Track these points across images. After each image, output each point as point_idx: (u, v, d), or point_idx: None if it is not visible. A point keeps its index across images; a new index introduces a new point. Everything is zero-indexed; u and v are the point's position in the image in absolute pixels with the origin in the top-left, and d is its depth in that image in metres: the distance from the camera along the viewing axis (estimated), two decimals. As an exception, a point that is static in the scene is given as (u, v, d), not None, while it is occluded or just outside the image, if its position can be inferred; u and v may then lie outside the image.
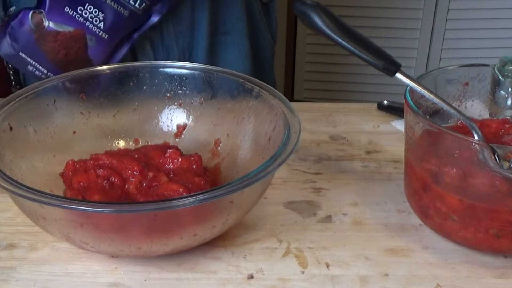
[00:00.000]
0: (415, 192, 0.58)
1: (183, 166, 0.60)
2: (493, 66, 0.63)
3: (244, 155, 0.63)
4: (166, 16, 0.81)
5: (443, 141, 0.54)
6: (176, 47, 0.85)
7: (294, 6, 0.61)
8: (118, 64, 0.68)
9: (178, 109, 0.68)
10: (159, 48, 0.84)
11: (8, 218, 0.61)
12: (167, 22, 0.83)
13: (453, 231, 0.55)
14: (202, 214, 0.51)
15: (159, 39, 0.83)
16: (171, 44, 0.85)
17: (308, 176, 0.69)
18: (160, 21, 0.80)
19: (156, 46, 0.84)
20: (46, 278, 0.54)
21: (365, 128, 0.80)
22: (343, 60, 2.04)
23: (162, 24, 0.82)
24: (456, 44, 2.05)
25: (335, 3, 1.91)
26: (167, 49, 0.85)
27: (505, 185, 0.52)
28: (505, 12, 2.00)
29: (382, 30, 2.00)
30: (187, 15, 0.84)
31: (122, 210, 0.47)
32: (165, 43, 0.84)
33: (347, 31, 0.58)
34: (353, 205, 0.64)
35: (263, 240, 0.59)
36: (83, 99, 0.66)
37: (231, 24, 0.87)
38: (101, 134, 0.67)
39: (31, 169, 0.58)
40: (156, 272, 0.55)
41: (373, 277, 0.54)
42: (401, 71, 0.57)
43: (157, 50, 0.85)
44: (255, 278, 0.54)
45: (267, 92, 0.62)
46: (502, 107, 0.64)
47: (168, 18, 0.82)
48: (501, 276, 0.55)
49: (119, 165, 0.59)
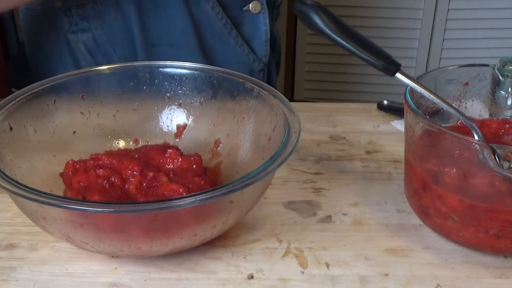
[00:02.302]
0: (415, 192, 0.58)
1: (183, 166, 0.60)
2: (493, 66, 0.63)
3: (244, 155, 0.63)
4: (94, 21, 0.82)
5: (443, 141, 0.54)
6: (115, 54, 0.86)
7: (294, 6, 0.61)
8: (118, 64, 0.68)
9: (178, 109, 0.68)
10: (96, 53, 0.86)
11: (8, 218, 0.61)
12: (97, 28, 0.84)
13: (453, 231, 0.55)
14: (202, 214, 0.51)
15: (93, 45, 0.84)
16: (109, 51, 0.86)
17: (308, 176, 0.69)
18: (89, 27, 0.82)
19: (92, 51, 0.85)
20: (46, 278, 0.54)
21: (365, 128, 0.80)
22: (343, 60, 2.03)
23: (93, 30, 0.84)
24: (456, 44, 2.05)
25: (335, 3, 1.91)
26: (106, 55, 0.86)
27: (505, 185, 0.52)
28: (505, 12, 2.00)
29: (382, 30, 2.00)
30: (117, 23, 0.84)
31: (122, 210, 0.47)
32: (102, 49, 0.85)
33: (347, 31, 0.58)
34: (353, 205, 0.64)
35: (263, 240, 0.59)
36: (83, 99, 0.66)
37: (175, 37, 0.86)
38: (101, 134, 0.67)
39: (31, 169, 0.58)
40: (156, 272, 0.55)
41: (373, 277, 0.54)
42: (401, 71, 0.57)
43: (95, 55, 0.86)
44: (255, 278, 0.54)
45: (267, 92, 0.62)
46: (502, 107, 0.64)
47: (97, 24, 0.84)
48: (501, 276, 0.55)
49: (119, 165, 0.59)
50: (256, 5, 0.89)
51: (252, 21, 0.91)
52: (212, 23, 0.88)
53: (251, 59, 0.93)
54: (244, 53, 0.91)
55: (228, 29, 0.89)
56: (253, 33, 0.92)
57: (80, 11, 0.83)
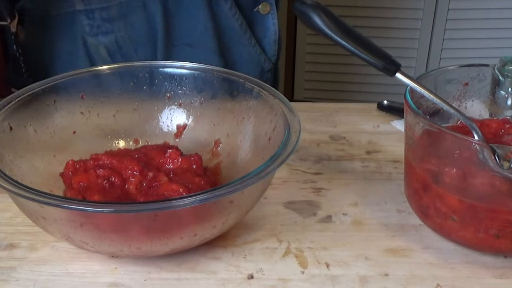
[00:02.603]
0: (415, 192, 0.58)
1: (183, 166, 0.60)
2: (493, 66, 0.63)
3: (244, 155, 0.63)
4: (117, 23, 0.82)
5: (443, 141, 0.54)
6: (136, 56, 0.86)
7: (294, 6, 0.61)
8: (118, 64, 0.68)
9: (178, 109, 0.68)
10: (117, 55, 0.85)
11: (8, 218, 0.61)
12: (120, 30, 0.84)
13: (453, 231, 0.55)
14: (202, 214, 0.51)
15: (115, 47, 0.84)
16: (130, 53, 0.86)
17: (308, 176, 0.69)
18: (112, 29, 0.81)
19: (113, 53, 0.85)
20: (46, 278, 0.54)
21: (365, 128, 0.80)
22: (343, 60, 2.03)
23: (115, 32, 0.83)
24: (456, 44, 2.05)
25: (335, 3, 1.91)
26: (127, 57, 0.86)
27: (505, 185, 0.52)
28: (505, 12, 2.00)
29: (382, 30, 2.00)
30: (141, 24, 0.84)
31: (122, 210, 0.47)
32: (123, 51, 0.85)
33: (347, 31, 0.58)
34: (353, 205, 0.64)
35: (263, 240, 0.59)
36: (83, 99, 0.66)
37: (195, 37, 0.87)
38: (101, 134, 0.67)
39: (31, 169, 0.58)
40: (156, 272, 0.55)
41: (373, 277, 0.54)
42: (401, 71, 0.57)
43: (116, 57, 0.85)
44: (255, 278, 0.54)
45: (267, 92, 0.62)
46: (502, 107, 0.64)
47: (120, 26, 0.83)
48: (501, 276, 0.55)
49: (119, 165, 0.59)
50: (265, 6, 0.90)
51: (262, 22, 0.92)
52: (230, 23, 0.89)
53: (262, 59, 0.94)
54: (257, 53, 0.93)
55: (243, 29, 0.90)
56: (263, 33, 0.93)
57: (104, 13, 0.83)
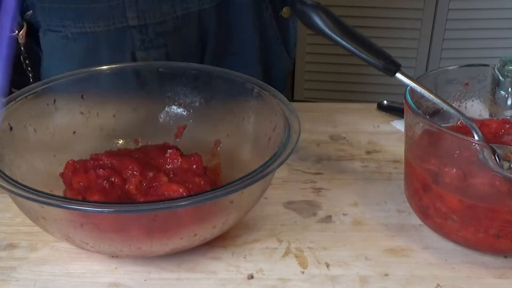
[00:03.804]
0: (415, 192, 0.58)
1: (183, 166, 0.60)
2: (493, 66, 0.63)
3: (244, 155, 0.63)
4: (171, 36, 0.81)
5: (443, 141, 0.54)
6: None
7: (295, 7, 0.61)
8: (118, 64, 0.68)
9: (178, 109, 0.68)
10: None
11: (8, 218, 0.61)
12: (173, 43, 0.82)
13: (453, 231, 0.55)
14: (202, 214, 0.51)
15: (164, 59, 0.83)
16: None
17: (308, 176, 0.69)
18: (165, 43, 0.80)
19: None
20: (46, 278, 0.54)
21: (365, 128, 0.80)
22: (343, 60, 2.03)
23: (168, 46, 0.82)
24: (456, 44, 2.05)
25: (335, 3, 1.91)
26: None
27: (505, 185, 0.52)
28: (505, 12, 2.00)
29: (382, 30, 2.00)
30: (193, 36, 0.83)
31: (122, 210, 0.47)
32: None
33: (347, 31, 0.58)
34: (353, 205, 0.64)
35: (263, 240, 0.59)
36: (83, 99, 0.66)
37: (240, 46, 0.87)
38: (101, 134, 0.67)
39: (31, 169, 0.58)
40: (156, 272, 0.55)
41: (373, 277, 0.54)
42: (401, 71, 0.57)
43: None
44: (255, 278, 0.54)
45: (267, 92, 0.62)
46: (502, 107, 0.64)
47: (174, 39, 0.82)
48: (501, 276, 0.55)
49: (119, 165, 0.59)
50: (287, 9, 0.91)
51: (284, 26, 0.92)
52: (268, 31, 0.89)
53: (287, 64, 0.95)
54: (284, 57, 0.93)
55: (277, 35, 0.90)
56: (285, 37, 0.93)
57: (158, 27, 0.81)
